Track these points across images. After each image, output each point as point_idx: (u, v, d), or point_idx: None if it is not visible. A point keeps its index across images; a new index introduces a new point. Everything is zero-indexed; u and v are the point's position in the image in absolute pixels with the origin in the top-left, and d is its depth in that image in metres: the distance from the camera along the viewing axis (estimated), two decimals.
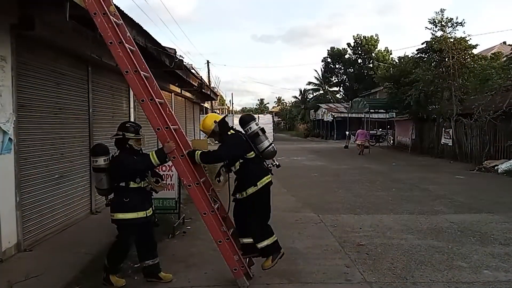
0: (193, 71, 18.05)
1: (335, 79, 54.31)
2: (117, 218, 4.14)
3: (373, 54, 48.49)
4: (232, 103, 65.38)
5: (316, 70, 60.67)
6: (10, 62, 4.86)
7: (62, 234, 5.85)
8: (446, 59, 18.59)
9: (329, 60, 53.20)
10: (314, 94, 56.24)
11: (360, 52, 50.14)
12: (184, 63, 11.95)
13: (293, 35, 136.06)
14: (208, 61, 57.00)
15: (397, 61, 27.79)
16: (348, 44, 51.32)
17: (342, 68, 52.77)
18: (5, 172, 4.76)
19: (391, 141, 28.65)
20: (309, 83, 56.33)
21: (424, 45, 19.74)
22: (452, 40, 18.71)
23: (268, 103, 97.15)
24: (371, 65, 46.81)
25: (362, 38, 49.94)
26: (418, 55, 20.77)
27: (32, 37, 5.22)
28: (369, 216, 7.39)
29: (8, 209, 4.82)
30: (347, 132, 30.39)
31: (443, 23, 18.98)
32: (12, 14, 4.72)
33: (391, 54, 46.44)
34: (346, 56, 51.62)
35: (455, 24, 18.81)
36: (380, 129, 32.04)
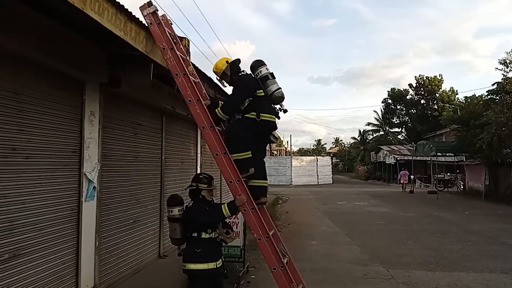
0: None
1: (396, 120, 52.82)
2: (188, 269, 4.22)
3: (437, 94, 46.81)
4: (291, 144, 65.72)
5: (375, 111, 59.64)
6: (98, 117, 5.37)
7: (134, 278, 6.06)
8: None
9: (389, 101, 52.13)
10: (374, 135, 54.96)
11: (422, 92, 48.57)
12: None
13: (349, 76, 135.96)
14: None
15: (463, 101, 26.54)
16: (410, 85, 50.03)
17: (404, 109, 51.24)
18: (88, 218, 5.13)
19: (461, 187, 26.78)
20: (369, 123, 55.35)
21: (495, 86, 18.78)
22: None
23: (325, 143, 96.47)
24: (435, 106, 45.11)
25: (424, 78, 48.51)
26: (489, 97, 19.74)
27: (117, 93, 5.74)
28: (445, 274, 6.86)
29: (88, 253, 5.14)
30: (412, 176, 28.97)
31: None
32: (102, 75, 5.26)
33: (457, 94, 44.58)
34: (408, 97, 50.19)
35: None
36: (449, 173, 30.11)
